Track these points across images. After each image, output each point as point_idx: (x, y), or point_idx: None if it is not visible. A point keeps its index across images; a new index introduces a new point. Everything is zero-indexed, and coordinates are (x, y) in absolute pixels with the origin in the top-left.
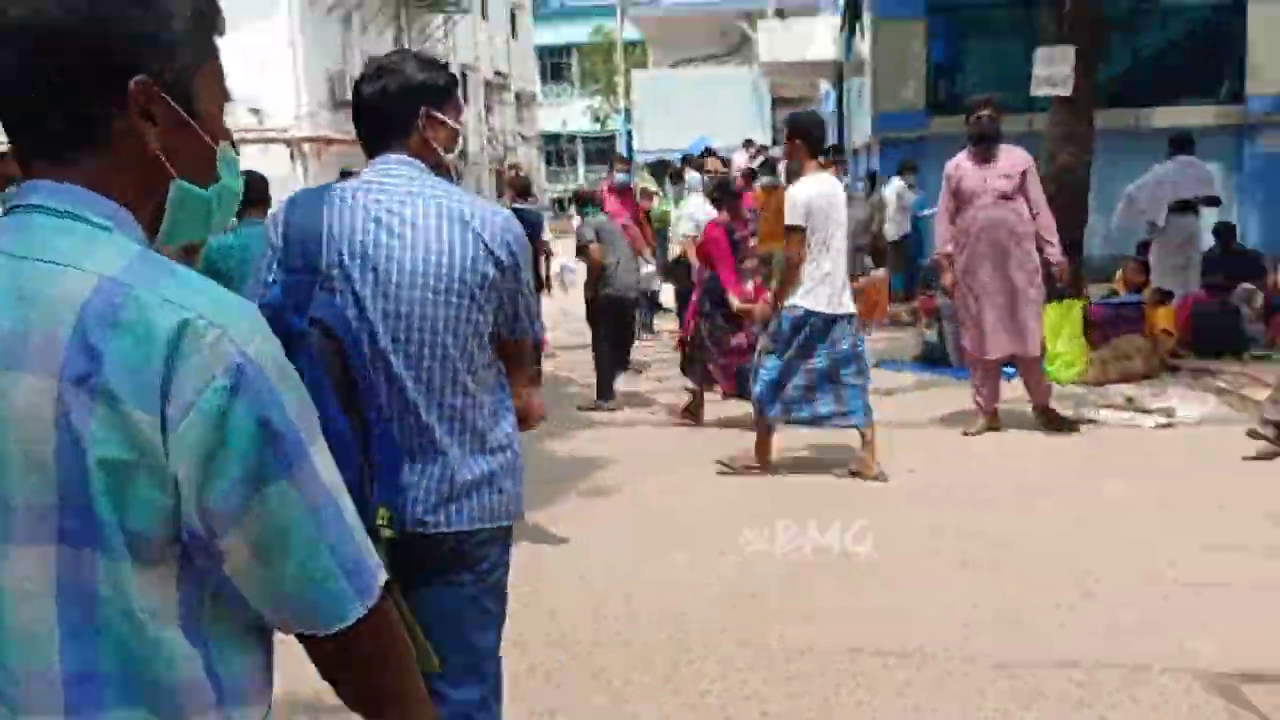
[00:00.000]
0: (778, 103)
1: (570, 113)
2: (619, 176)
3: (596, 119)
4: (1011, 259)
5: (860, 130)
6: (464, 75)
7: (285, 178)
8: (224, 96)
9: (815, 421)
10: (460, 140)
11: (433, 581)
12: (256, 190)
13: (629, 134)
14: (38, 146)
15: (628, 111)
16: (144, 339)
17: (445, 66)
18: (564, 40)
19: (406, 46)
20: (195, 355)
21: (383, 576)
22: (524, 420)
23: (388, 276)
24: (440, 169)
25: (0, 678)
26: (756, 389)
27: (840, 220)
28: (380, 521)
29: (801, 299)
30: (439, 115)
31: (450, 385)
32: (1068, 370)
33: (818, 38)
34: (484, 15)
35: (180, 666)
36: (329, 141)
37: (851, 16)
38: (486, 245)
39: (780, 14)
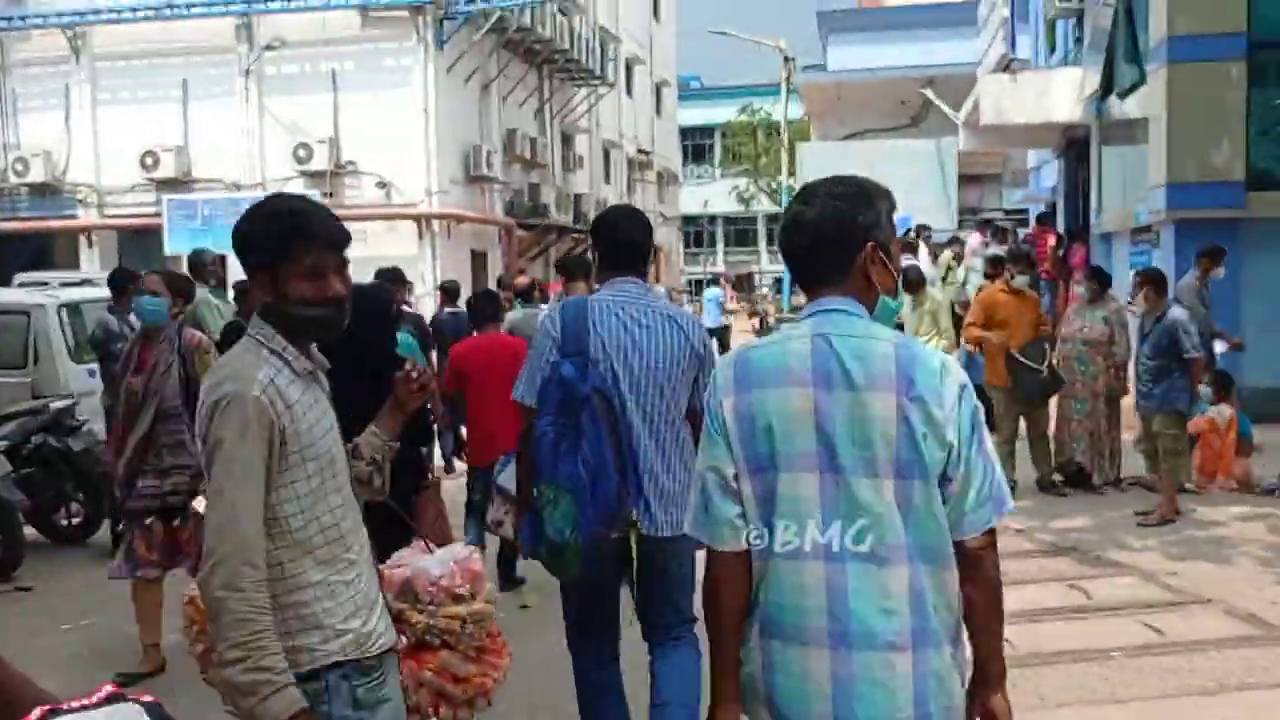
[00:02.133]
0: (963, 181)
1: (712, 194)
2: None
3: (741, 200)
4: None
5: (1117, 210)
6: (606, 152)
7: (413, 257)
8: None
9: None
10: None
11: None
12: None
13: None
14: (819, 280)
15: (789, 190)
16: (930, 371)
17: None
18: (707, 121)
19: (548, 120)
20: (948, 378)
21: (1010, 503)
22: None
23: (633, 360)
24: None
25: (880, 549)
26: None
27: None
28: (633, 518)
29: None
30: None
31: (667, 429)
32: None
33: (1054, 95)
34: (629, 92)
35: (947, 540)
36: (460, 219)
37: (1109, 67)
38: (690, 341)
39: (1008, 68)
